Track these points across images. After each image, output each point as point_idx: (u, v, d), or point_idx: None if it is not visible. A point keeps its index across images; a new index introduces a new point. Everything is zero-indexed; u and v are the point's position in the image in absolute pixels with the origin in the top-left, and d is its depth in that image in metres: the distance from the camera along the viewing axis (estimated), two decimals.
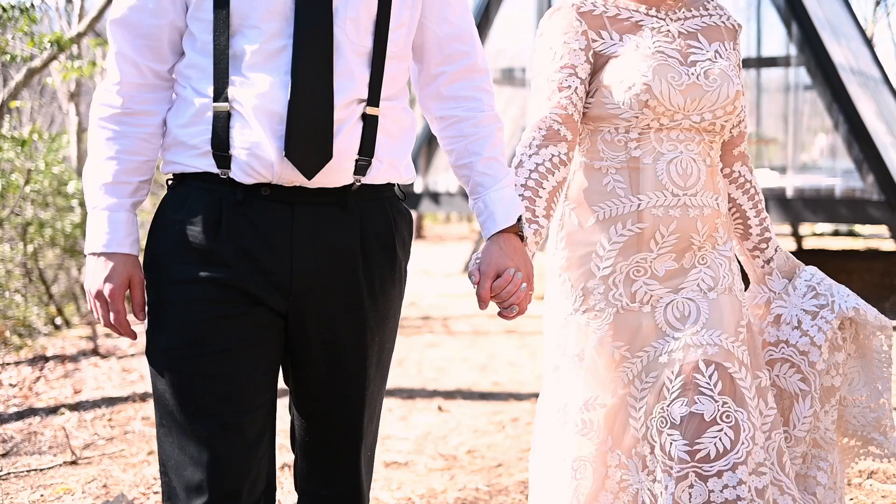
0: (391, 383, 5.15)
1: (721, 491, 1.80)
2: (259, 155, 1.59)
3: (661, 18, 1.98)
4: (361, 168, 1.65)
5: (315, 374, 1.73)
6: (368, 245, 1.69)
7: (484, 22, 7.94)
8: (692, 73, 1.91)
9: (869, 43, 9.91)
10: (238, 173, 1.60)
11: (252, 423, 1.68)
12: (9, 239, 8.38)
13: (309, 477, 1.80)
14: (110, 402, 4.62)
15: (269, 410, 1.73)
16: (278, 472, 2.79)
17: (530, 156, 1.93)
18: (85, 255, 1.60)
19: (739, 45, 2.07)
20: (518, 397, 4.81)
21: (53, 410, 4.53)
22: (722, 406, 1.84)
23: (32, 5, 6.31)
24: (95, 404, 4.62)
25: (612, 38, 1.95)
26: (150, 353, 1.67)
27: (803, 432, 1.99)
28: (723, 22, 2.05)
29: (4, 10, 6.24)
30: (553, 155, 1.92)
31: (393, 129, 1.70)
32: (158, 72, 1.67)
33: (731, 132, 2.08)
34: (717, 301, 1.93)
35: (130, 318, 1.73)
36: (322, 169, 1.60)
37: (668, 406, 1.86)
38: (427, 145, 8.36)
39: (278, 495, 2.68)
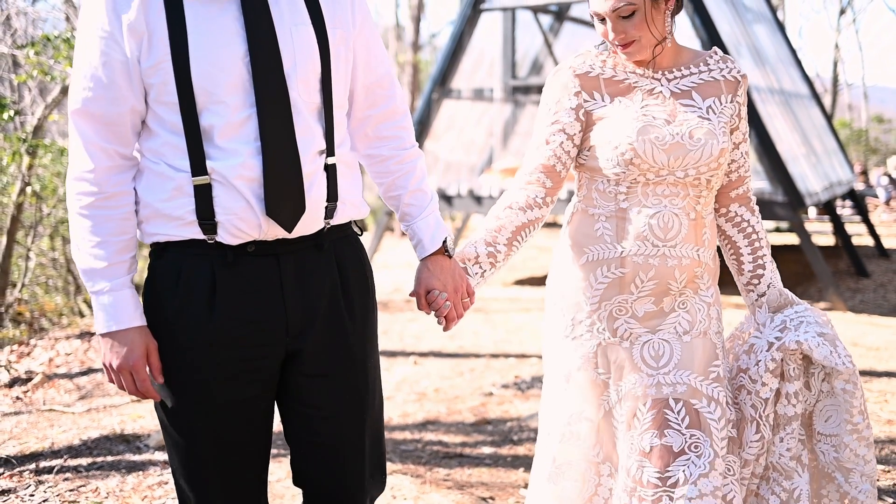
0: None
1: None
2: (245, 218, 1.67)
3: (655, 79, 2.07)
4: (330, 212, 1.76)
5: (314, 408, 1.80)
6: (345, 278, 1.80)
7: (458, 48, 8.93)
8: (676, 134, 2.00)
9: (800, 64, 11.13)
10: (225, 236, 1.68)
11: (249, 467, 1.81)
12: (46, 237, 9.48)
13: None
14: None
15: (264, 451, 1.84)
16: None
17: (512, 192, 2.12)
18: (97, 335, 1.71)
19: (741, 96, 2.11)
20: (477, 356, 5.89)
21: None
22: (690, 438, 2.00)
23: (73, 35, 7.49)
24: None
25: (603, 100, 2.05)
26: (160, 408, 1.77)
27: (751, 455, 2.07)
28: (723, 76, 2.10)
29: (49, 39, 7.42)
30: (529, 196, 2.09)
31: (345, 171, 1.81)
32: (124, 154, 1.70)
33: (728, 177, 2.15)
34: (690, 344, 2.05)
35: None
36: (299, 220, 1.70)
37: (638, 435, 2.01)
38: None
39: None
